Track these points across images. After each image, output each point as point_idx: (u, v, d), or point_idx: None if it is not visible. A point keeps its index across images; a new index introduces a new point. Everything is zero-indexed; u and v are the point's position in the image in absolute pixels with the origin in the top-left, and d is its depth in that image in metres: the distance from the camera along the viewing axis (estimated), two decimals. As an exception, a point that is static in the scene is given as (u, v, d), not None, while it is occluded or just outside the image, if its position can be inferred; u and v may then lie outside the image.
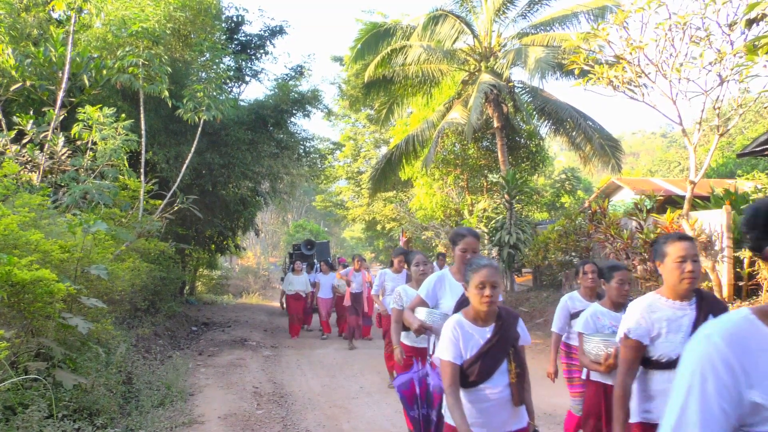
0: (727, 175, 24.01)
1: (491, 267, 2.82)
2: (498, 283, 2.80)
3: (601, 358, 3.41)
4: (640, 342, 2.66)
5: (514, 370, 2.82)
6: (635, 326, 2.67)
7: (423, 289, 3.79)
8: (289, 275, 12.74)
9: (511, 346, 2.84)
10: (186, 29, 11.67)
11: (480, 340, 2.80)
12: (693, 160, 8.40)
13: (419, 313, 3.64)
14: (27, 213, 5.45)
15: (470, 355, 2.77)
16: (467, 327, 2.83)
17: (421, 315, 3.61)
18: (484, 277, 2.75)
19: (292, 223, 40.17)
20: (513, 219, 12.62)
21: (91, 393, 5.12)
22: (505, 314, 2.91)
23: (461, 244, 3.61)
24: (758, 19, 6.15)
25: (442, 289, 3.74)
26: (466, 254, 3.55)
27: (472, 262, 2.86)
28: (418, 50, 15.51)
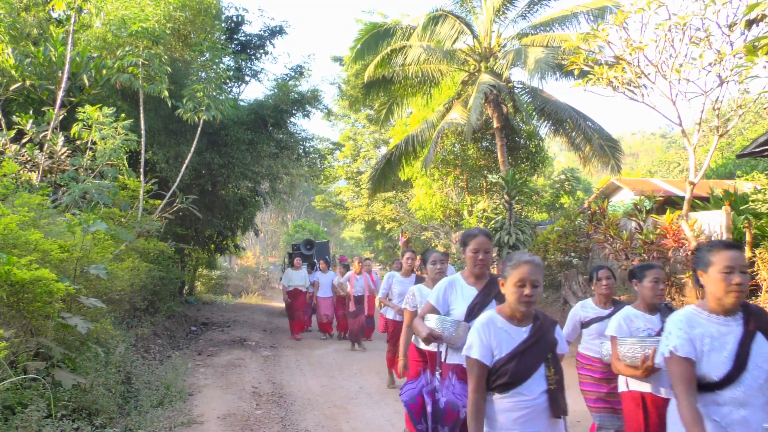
0: (727, 175, 24.02)
1: (533, 263, 2.56)
2: (540, 281, 2.56)
3: (638, 360, 3.19)
4: (690, 359, 2.37)
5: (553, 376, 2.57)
6: (681, 343, 2.39)
7: (433, 295, 3.59)
8: (288, 271, 12.53)
9: (550, 351, 2.62)
10: (186, 29, 11.67)
11: (516, 339, 2.60)
12: (692, 160, 8.40)
13: (429, 320, 3.43)
14: (26, 212, 5.45)
15: (503, 354, 2.55)
16: (501, 324, 2.62)
17: (432, 322, 3.39)
18: (524, 274, 2.53)
19: (291, 223, 40.17)
20: (512, 219, 12.62)
21: (90, 393, 5.12)
22: (543, 317, 2.70)
23: (472, 245, 3.44)
24: (758, 20, 6.15)
25: (454, 294, 3.54)
26: (478, 255, 3.40)
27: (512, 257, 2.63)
28: (418, 50, 15.51)
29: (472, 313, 3.36)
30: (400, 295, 6.83)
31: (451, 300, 3.53)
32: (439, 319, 3.39)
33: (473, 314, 3.33)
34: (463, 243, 3.52)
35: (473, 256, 3.43)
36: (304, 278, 12.15)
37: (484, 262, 3.44)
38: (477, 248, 3.43)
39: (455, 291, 3.54)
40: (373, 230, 29.97)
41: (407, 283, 6.82)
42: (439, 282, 3.65)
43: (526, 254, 2.64)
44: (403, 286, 6.83)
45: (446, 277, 3.66)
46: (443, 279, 3.66)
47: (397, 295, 6.95)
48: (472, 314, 3.35)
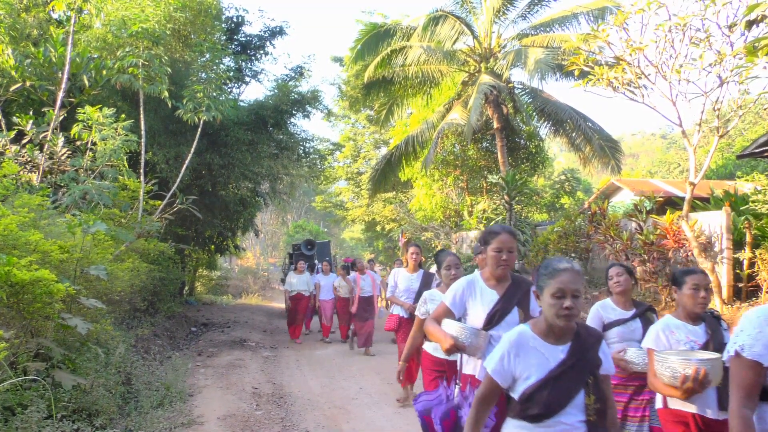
0: (727, 176, 24.01)
1: (572, 271, 2.25)
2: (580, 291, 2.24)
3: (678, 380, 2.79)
4: (760, 363, 2.02)
5: (593, 404, 2.26)
6: (751, 342, 2.05)
7: (449, 296, 3.21)
8: (290, 275, 11.97)
9: (590, 374, 2.29)
10: (186, 30, 11.68)
11: (550, 361, 2.26)
12: (693, 161, 8.40)
13: (449, 327, 3.03)
14: (26, 213, 5.45)
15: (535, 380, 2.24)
16: (533, 343, 2.30)
17: (452, 330, 3.00)
18: (563, 283, 2.21)
19: (291, 223, 40.18)
20: (512, 220, 12.62)
21: (90, 393, 5.12)
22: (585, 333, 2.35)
23: (495, 243, 3.11)
24: (758, 21, 6.15)
25: (472, 297, 3.19)
26: (501, 255, 3.09)
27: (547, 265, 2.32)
28: (418, 51, 15.52)
29: (492, 321, 3.08)
30: (407, 292, 6.56)
31: (469, 303, 3.20)
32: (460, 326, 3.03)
33: (493, 322, 3.07)
34: (484, 241, 3.20)
35: (496, 255, 3.11)
36: (306, 282, 11.70)
37: (508, 262, 3.12)
38: (500, 247, 3.11)
39: (474, 293, 3.20)
40: (374, 231, 29.96)
41: (414, 279, 6.58)
42: (457, 281, 3.32)
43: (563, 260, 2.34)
44: (409, 282, 6.57)
45: (464, 277, 3.31)
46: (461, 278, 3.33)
47: (403, 292, 6.59)
48: (492, 322, 3.08)
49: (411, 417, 5.94)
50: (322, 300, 11.48)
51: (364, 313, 9.95)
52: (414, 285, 6.55)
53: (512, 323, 2.97)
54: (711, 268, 8.15)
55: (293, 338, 11.53)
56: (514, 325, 2.86)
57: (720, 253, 8.59)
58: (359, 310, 9.96)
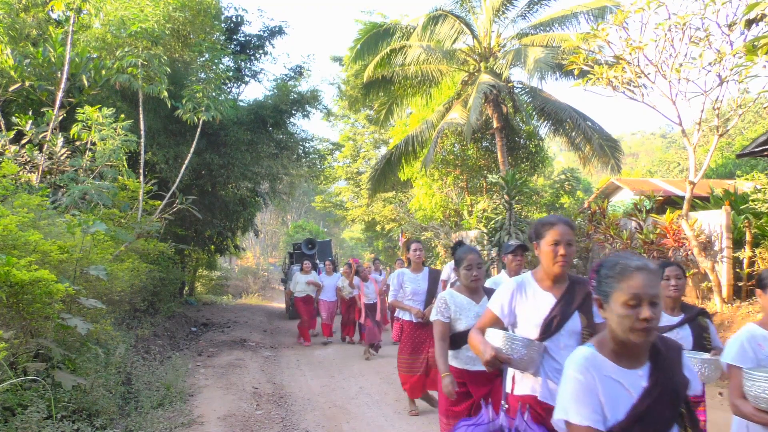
0: (727, 175, 24.01)
1: (649, 271, 1.78)
2: (659, 297, 1.78)
3: None
4: None
5: None
6: None
7: (496, 302, 2.76)
8: (297, 275, 11.58)
9: (682, 401, 1.84)
10: (185, 29, 11.67)
11: (631, 391, 1.79)
12: (692, 160, 8.40)
13: (493, 337, 2.58)
14: (26, 213, 5.44)
15: (618, 418, 1.75)
16: (609, 370, 1.80)
17: (497, 340, 2.55)
18: (639, 287, 1.74)
19: (291, 223, 40.18)
20: (512, 219, 12.61)
21: (90, 394, 5.11)
22: (664, 346, 1.89)
23: (550, 236, 2.63)
24: (758, 20, 6.15)
25: (523, 301, 2.71)
26: (558, 249, 2.59)
27: (613, 262, 1.83)
28: (418, 50, 15.51)
29: (549, 330, 2.60)
30: (413, 294, 5.92)
31: (519, 309, 2.71)
32: (507, 336, 2.55)
33: (550, 330, 2.60)
34: (537, 234, 2.72)
35: (551, 250, 2.63)
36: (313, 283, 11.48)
37: (567, 259, 2.62)
38: (557, 239, 2.61)
39: (525, 297, 2.72)
40: (373, 231, 29.96)
41: (420, 279, 5.98)
42: (505, 284, 2.81)
43: (634, 258, 1.84)
44: (415, 284, 5.93)
45: (514, 278, 2.82)
46: (509, 281, 2.80)
47: (410, 294, 5.93)
48: (549, 331, 2.60)
49: (411, 417, 5.94)
50: (322, 300, 11.26)
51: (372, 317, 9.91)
52: (421, 286, 5.95)
53: (573, 331, 2.60)
54: (711, 267, 8.15)
55: (305, 341, 11.12)
56: (575, 334, 2.58)
57: (720, 252, 8.59)
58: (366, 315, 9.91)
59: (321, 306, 11.32)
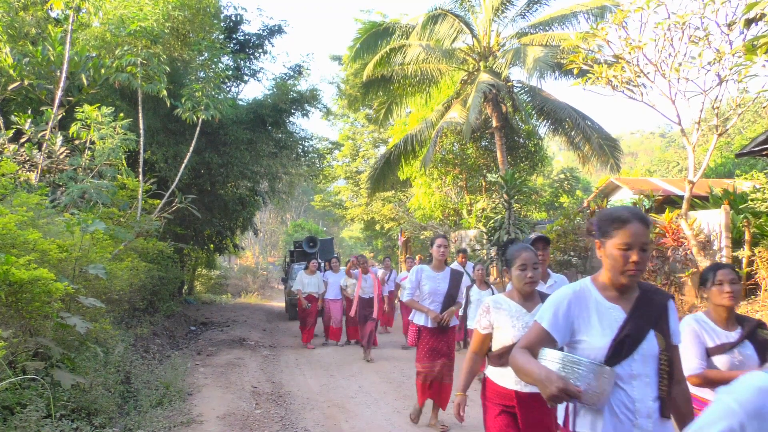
0: (726, 175, 24.03)
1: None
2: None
3: None
4: None
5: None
6: None
7: (547, 314, 2.18)
8: (300, 274, 10.98)
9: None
10: (184, 28, 11.65)
11: None
12: (692, 159, 8.41)
13: (552, 360, 2.03)
14: (25, 212, 5.44)
15: None
16: None
17: (554, 363, 2.01)
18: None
19: (290, 222, 40.20)
20: (512, 219, 12.62)
21: (89, 392, 5.11)
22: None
23: (620, 237, 2.07)
24: (757, 19, 6.15)
25: (584, 315, 2.16)
26: (630, 254, 2.05)
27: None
28: (417, 49, 15.52)
29: (619, 353, 2.07)
30: (431, 295, 5.41)
31: (579, 325, 2.16)
32: (569, 359, 2.01)
33: (621, 354, 2.07)
34: (602, 231, 2.15)
35: (621, 255, 2.07)
36: (318, 284, 10.88)
37: (640, 267, 2.06)
38: (629, 243, 2.05)
39: (586, 310, 2.17)
40: (373, 230, 29.99)
41: (440, 279, 5.44)
42: (558, 291, 2.25)
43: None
44: (434, 283, 5.41)
45: (568, 286, 2.26)
46: (562, 289, 2.26)
47: (427, 295, 5.41)
48: (618, 354, 2.07)
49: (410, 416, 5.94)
50: (328, 300, 10.79)
51: (364, 312, 9.60)
52: (441, 286, 5.42)
53: (648, 355, 2.08)
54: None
55: (305, 343, 10.72)
56: (651, 358, 2.08)
57: (719, 251, 8.60)
58: (360, 311, 9.62)
59: (326, 307, 10.83)
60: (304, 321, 10.76)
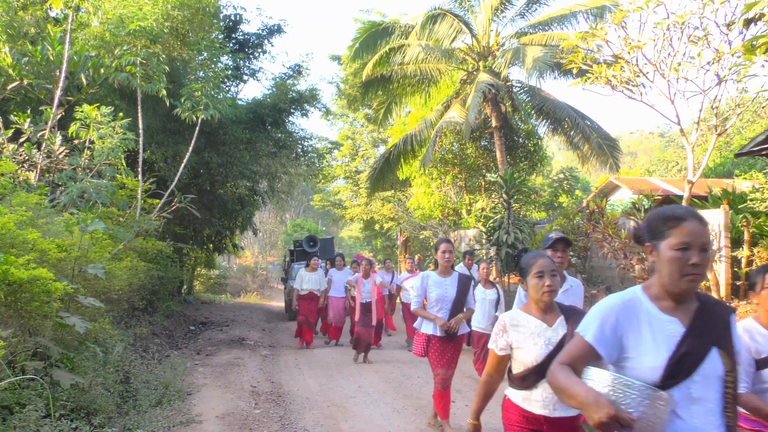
0: (725, 174, 24.06)
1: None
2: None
3: None
4: None
5: None
6: None
7: (592, 326, 1.89)
8: (301, 272, 10.68)
9: None
10: (184, 28, 11.65)
11: None
12: (691, 159, 8.41)
13: (596, 379, 1.77)
14: (24, 212, 5.44)
15: None
16: None
17: (602, 385, 1.75)
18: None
19: (290, 222, 40.18)
20: (511, 218, 12.62)
21: (88, 392, 5.11)
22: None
23: (676, 236, 1.83)
24: (756, 19, 6.16)
25: (635, 328, 1.87)
26: (689, 256, 1.80)
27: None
28: (417, 49, 15.52)
29: (677, 373, 1.80)
30: (439, 302, 5.14)
31: (630, 339, 1.87)
32: (619, 381, 1.74)
33: (680, 374, 1.80)
34: (654, 232, 1.90)
35: (678, 258, 1.81)
36: (319, 281, 10.51)
37: (700, 271, 1.82)
38: (687, 241, 1.81)
39: (637, 322, 1.88)
40: (372, 229, 29.98)
41: (447, 284, 5.14)
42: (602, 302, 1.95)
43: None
44: (442, 289, 5.11)
45: (615, 295, 1.96)
46: (609, 298, 1.95)
47: (435, 302, 5.15)
48: (677, 374, 1.80)
49: (409, 415, 5.95)
50: (332, 297, 10.43)
51: (363, 318, 9.06)
52: (449, 292, 5.16)
53: (712, 376, 1.82)
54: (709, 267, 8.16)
55: (307, 343, 10.42)
56: (715, 380, 1.82)
57: (718, 251, 8.60)
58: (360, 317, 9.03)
59: (330, 305, 10.48)
60: (305, 321, 10.45)
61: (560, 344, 2.65)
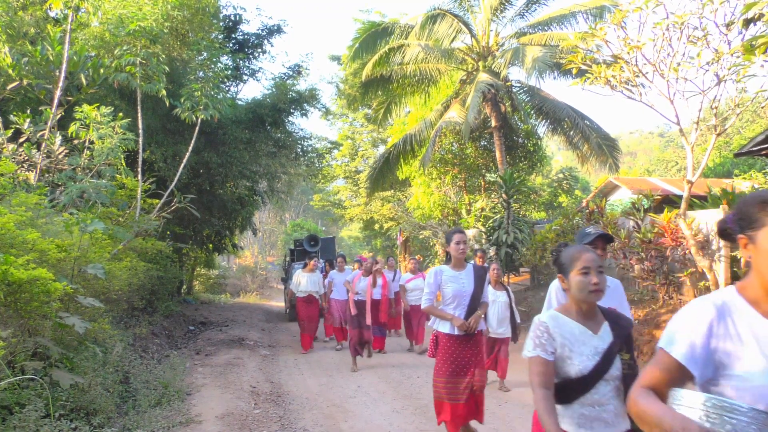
0: (725, 174, 24.07)
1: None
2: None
3: None
4: None
5: None
6: None
7: (680, 339, 1.60)
8: (298, 273, 10.16)
9: None
10: (184, 28, 11.66)
11: None
12: (690, 159, 8.41)
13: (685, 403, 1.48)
14: (24, 212, 5.44)
15: None
16: None
17: (694, 408, 1.45)
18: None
19: (289, 222, 40.19)
20: (510, 218, 12.63)
21: (88, 392, 5.11)
22: None
23: None
24: (755, 19, 6.16)
25: (733, 337, 1.57)
26: None
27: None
28: (416, 49, 15.52)
29: None
30: (455, 298, 4.47)
31: (729, 353, 1.56)
32: (714, 404, 1.43)
33: None
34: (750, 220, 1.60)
35: None
36: (318, 283, 9.99)
37: None
38: None
39: (736, 331, 1.58)
40: (372, 229, 29.99)
41: (463, 278, 4.50)
42: (689, 310, 1.65)
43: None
44: (458, 284, 4.47)
45: (704, 299, 1.65)
46: (696, 304, 1.66)
47: (451, 299, 4.47)
48: None
49: (409, 415, 5.95)
50: (333, 299, 10.04)
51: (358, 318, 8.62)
52: (466, 287, 4.49)
53: None
54: (708, 267, 8.16)
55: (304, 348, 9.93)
56: None
57: (717, 251, 8.60)
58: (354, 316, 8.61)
59: (332, 307, 10.10)
60: (304, 326, 9.92)
61: (607, 354, 2.31)
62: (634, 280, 9.73)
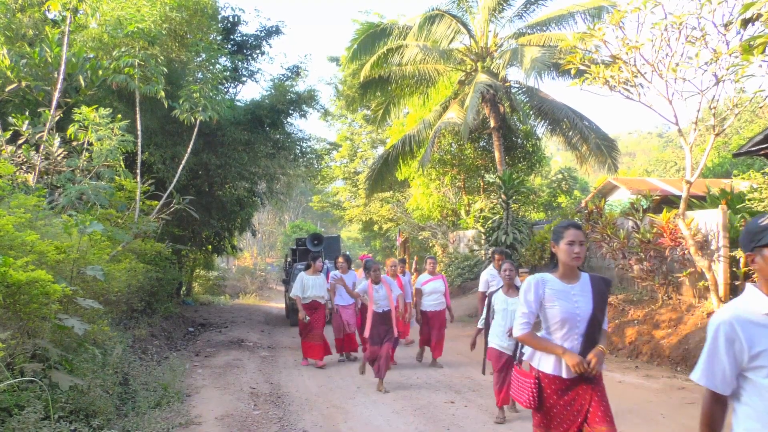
0: (723, 174, 24.10)
1: None
2: None
3: None
4: None
5: None
6: None
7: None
8: (301, 276, 8.83)
9: None
10: (182, 29, 11.65)
11: None
12: (689, 159, 8.41)
13: None
14: (23, 214, 5.43)
15: None
16: None
17: None
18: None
19: (288, 223, 40.16)
20: (510, 219, 12.63)
21: (87, 394, 5.11)
22: None
23: None
24: (753, 19, 6.16)
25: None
26: None
27: None
28: (415, 50, 15.53)
29: None
30: (565, 322, 3.01)
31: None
32: None
33: None
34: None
35: None
36: (322, 286, 8.82)
37: None
38: None
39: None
40: (371, 230, 29.99)
41: (577, 293, 3.05)
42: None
43: None
44: (569, 302, 3.03)
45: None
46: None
47: (559, 323, 3.02)
48: None
49: (408, 416, 5.95)
50: (339, 306, 8.95)
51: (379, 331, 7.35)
52: (582, 308, 3.03)
53: None
54: (707, 267, 8.17)
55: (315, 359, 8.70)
56: None
57: (716, 251, 8.61)
58: (373, 330, 7.36)
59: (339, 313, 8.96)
60: (307, 334, 8.72)
61: None
62: (634, 281, 9.74)
